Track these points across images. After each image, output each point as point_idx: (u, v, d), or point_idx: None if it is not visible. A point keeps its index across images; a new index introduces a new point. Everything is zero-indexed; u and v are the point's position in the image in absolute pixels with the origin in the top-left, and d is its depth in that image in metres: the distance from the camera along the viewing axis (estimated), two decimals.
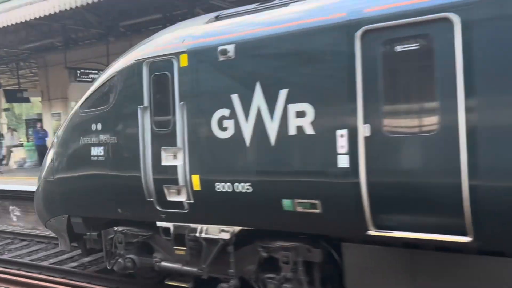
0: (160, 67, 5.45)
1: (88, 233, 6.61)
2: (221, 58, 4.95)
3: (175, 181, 5.32)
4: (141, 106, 5.55)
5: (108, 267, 6.50)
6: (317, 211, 4.48)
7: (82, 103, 6.36)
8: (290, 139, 4.57)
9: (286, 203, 4.63)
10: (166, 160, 5.39)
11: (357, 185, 4.18)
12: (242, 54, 4.87)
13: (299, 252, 4.86)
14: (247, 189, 4.87)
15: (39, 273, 7.39)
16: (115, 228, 6.27)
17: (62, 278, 7.16)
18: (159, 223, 5.71)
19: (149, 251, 6.12)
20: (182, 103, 5.23)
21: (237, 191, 4.93)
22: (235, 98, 4.89)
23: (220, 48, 4.93)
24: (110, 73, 6.05)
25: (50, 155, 6.84)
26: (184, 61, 5.23)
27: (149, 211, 5.68)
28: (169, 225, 5.61)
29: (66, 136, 6.57)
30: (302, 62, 4.54)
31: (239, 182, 4.90)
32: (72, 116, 6.52)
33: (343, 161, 4.26)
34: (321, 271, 4.93)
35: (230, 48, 4.88)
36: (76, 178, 6.34)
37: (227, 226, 5.25)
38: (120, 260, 6.19)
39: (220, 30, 5.23)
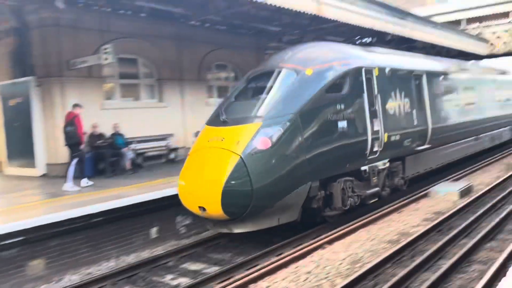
0: (368, 72, 9.50)
1: (320, 192, 8.24)
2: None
3: (378, 138, 9.43)
4: (364, 94, 9.23)
5: (345, 207, 8.72)
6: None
7: (328, 88, 8.37)
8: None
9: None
10: (375, 126, 9.36)
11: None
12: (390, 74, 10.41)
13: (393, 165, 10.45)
14: (397, 137, 10.18)
15: None
16: (344, 179, 8.69)
17: None
18: (362, 168, 9.27)
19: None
20: (375, 92, 9.61)
21: (396, 140, 10.19)
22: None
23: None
24: (344, 71, 8.88)
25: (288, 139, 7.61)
26: (376, 72, 9.77)
27: (362, 161, 9.22)
28: (366, 167, 9.36)
29: (315, 117, 8.07)
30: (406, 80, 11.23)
31: (395, 134, 10.07)
32: (317, 100, 8.10)
33: None
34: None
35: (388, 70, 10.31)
36: (326, 150, 8.15)
37: (385, 160, 10.00)
38: (351, 198, 8.83)
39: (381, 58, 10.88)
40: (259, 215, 7.38)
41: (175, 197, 8.10)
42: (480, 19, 26.49)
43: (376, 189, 9.68)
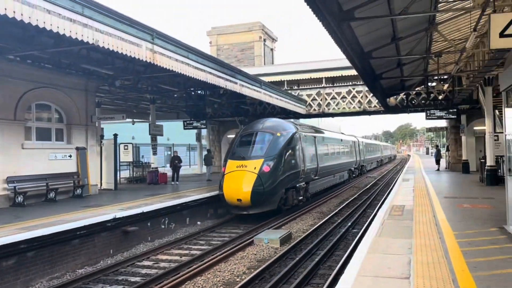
0: (299, 135, 17.46)
1: (284, 195, 15.80)
2: (309, 136, 19.97)
3: (304, 170, 17.44)
4: (298, 146, 17.25)
5: (292, 204, 16.61)
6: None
7: (287, 143, 16.11)
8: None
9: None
10: (301, 164, 17.26)
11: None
12: (313, 138, 20.26)
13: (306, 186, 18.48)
14: (308, 170, 18.17)
15: None
16: (292, 190, 16.36)
17: None
18: (297, 184, 16.99)
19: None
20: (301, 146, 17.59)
21: (308, 171, 18.19)
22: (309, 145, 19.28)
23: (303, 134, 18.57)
24: (291, 134, 16.67)
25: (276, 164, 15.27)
26: (299, 136, 17.76)
27: (298, 181, 16.89)
28: (298, 184, 17.10)
29: (283, 157, 15.62)
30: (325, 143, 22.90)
31: (307, 168, 18.07)
32: (283, 149, 15.82)
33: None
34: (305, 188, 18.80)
35: (302, 138, 17.86)
36: (288, 173, 15.76)
37: (304, 182, 17.88)
38: (295, 200, 16.76)
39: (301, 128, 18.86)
40: (262, 205, 14.64)
41: None
42: (298, 82, 30.02)
43: (301, 197, 17.80)
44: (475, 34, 10.76)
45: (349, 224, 13.95)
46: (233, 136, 30.79)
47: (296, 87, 29.63)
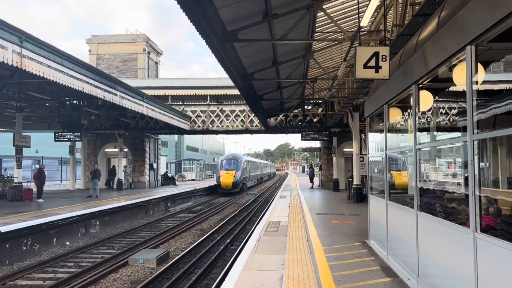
0: (247, 160, 43.39)
1: (241, 186, 39.90)
2: (247, 160, 43.62)
3: (248, 175, 43.92)
4: (247, 166, 42.11)
5: (243, 189, 40.12)
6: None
7: (244, 163, 39.60)
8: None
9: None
10: (247, 173, 42.39)
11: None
12: (248, 161, 43.93)
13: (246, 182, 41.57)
14: (247, 176, 42.89)
15: None
16: (243, 184, 40.16)
17: None
18: (245, 182, 42.65)
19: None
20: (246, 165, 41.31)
21: (246, 177, 41.53)
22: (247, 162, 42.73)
23: (246, 159, 42.82)
24: (245, 160, 40.51)
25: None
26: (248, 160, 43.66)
27: (247, 180, 43.43)
28: (245, 182, 42.88)
29: (244, 169, 40.34)
30: (252, 164, 47.61)
31: (247, 175, 42.31)
32: (243, 166, 39.22)
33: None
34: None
35: (246, 161, 41.86)
36: (245, 176, 40.95)
37: (246, 181, 43.32)
38: (244, 188, 41.24)
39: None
40: (235, 189, 35.86)
41: None
42: (183, 98, 29.87)
43: (246, 188, 40.95)
44: (345, 64, 11.78)
45: (228, 241, 14.06)
46: (112, 150, 29.61)
47: (180, 103, 29.42)
